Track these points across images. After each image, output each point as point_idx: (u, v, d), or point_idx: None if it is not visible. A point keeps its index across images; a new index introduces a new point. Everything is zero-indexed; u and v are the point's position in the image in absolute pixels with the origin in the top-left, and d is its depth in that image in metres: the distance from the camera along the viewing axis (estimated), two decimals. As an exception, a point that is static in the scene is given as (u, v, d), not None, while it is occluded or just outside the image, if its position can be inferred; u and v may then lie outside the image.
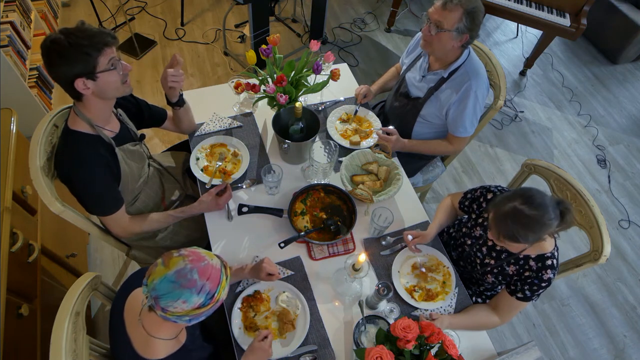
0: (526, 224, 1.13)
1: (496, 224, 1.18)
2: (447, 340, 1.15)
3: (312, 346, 1.31)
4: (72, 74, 1.18)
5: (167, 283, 0.87)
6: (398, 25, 3.76)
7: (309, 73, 1.67)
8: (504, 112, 3.26)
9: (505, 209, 1.15)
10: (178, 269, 0.88)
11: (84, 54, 1.17)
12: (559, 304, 2.38)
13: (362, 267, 1.33)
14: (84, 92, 1.23)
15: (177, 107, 1.61)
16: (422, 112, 1.83)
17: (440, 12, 1.55)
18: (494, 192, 1.43)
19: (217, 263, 0.95)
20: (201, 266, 0.90)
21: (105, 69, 1.22)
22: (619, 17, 3.45)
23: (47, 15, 3.11)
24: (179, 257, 0.90)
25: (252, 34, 2.84)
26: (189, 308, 0.89)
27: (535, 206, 1.13)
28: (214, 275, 0.91)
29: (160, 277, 0.88)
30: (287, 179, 1.66)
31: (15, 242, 1.45)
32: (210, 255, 0.95)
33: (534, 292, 1.31)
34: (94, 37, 1.18)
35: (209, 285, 0.90)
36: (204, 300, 0.90)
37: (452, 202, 1.61)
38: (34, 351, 1.47)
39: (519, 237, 1.15)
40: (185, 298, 0.88)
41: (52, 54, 1.16)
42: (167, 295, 0.87)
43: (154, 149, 2.71)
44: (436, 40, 1.60)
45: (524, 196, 1.15)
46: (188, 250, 0.93)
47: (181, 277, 0.88)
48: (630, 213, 2.79)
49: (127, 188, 1.48)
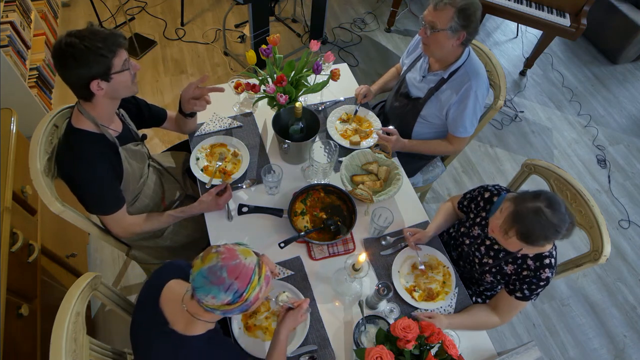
0: (546, 227, 1.13)
1: (513, 219, 1.17)
2: (447, 340, 1.15)
3: (312, 346, 1.31)
4: (88, 76, 1.20)
5: (200, 277, 0.92)
6: (398, 25, 3.77)
7: (309, 73, 1.67)
8: (504, 112, 3.26)
9: (529, 207, 1.14)
10: (210, 265, 0.92)
11: (101, 56, 1.18)
12: (559, 304, 2.38)
13: (362, 267, 1.33)
14: (98, 93, 1.25)
15: (188, 117, 1.65)
16: (422, 112, 1.83)
17: (433, 13, 1.56)
18: (492, 191, 1.43)
19: (252, 262, 0.95)
20: (231, 265, 0.92)
21: (120, 69, 1.24)
22: (619, 17, 3.45)
23: (47, 15, 3.11)
24: (215, 254, 0.94)
25: (252, 34, 2.84)
26: (219, 303, 0.92)
27: (558, 214, 1.13)
28: (244, 275, 0.93)
29: (197, 270, 0.93)
30: (287, 179, 1.66)
31: (15, 242, 1.45)
32: (245, 254, 0.96)
33: (533, 291, 1.31)
34: (107, 40, 1.19)
35: (237, 285, 0.92)
36: (232, 298, 0.92)
37: (453, 204, 1.62)
38: (34, 351, 1.47)
39: (532, 237, 1.15)
40: (214, 294, 0.91)
41: (68, 58, 1.16)
42: (200, 289, 0.91)
43: (154, 149, 2.71)
44: (433, 41, 1.61)
45: (551, 200, 1.14)
46: (225, 248, 0.96)
47: (211, 274, 0.91)
48: (630, 213, 2.79)
49: (128, 188, 1.48)
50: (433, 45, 1.63)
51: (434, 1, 1.56)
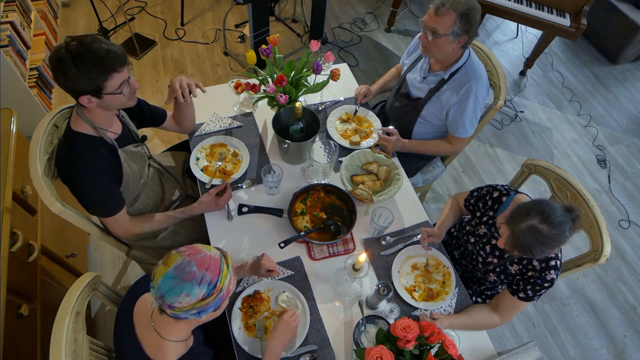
0: (545, 242, 1.13)
1: (513, 240, 1.17)
2: (447, 340, 1.15)
3: (312, 346, 1.31)
4: (77, 91, 1.19)
5: (168, 280, 0.89)
6: (398, 25, 3.77)
7: (309, 73, 1.67)
8: (504, 112, 3.26)
9: (523, 227, 1.14)
10: (177, 264, 0.90)
11: (90, 78, 1.16)
12: (559, 304, 2.38)
13: (362, 267, 1.33)
14: (88, 106, 1.24)
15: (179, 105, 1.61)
16: (422, 112, 1.83)
17: (434, 19, 1.54)
18: (501, 190, 1.42)
19: (216, 254, 0.95)
20: (198, 258, 0.91)
21: (112, 92, 1.22)
22: (619, 17, 3.44)
23: (47, 15, 3.11)
24: (177, 254, 0.92)
25: (252, 34, 2.84)
26: (194, 300, 0.90)
27: (554, 225, 1.12)
28: (213, 265, 0.92)
29: (162, 275, 0.90)
30: (287, 179, 1.66)
31: (15, 242, 1.45)
32: (208, 248, 0.96)
33: (536, 292, 1.31)
34: (103, 62, 1.16)
35: (209, 276, 0.91)
36: (207, 291, 0.90)
37: (457, 201, 1.61)
38: (34, 351, 1.47)
39: (535, 252, 1.15)
40: (188, 291, 0.89)
41: (58, 73, 1.15)
42: (171, 292, 0.88)
43: (154, 149, 2.70)
44: (434, 46, 1.61)
45: (543, 214, 1.13)
46: (186, 247, 0.95)
47: (180, 272, 0.89)
48: (630, 213, 2.79)
49: (128, 189, 1.48)
50: (434, 49, 1.63)
51: (435, 5, 1.53)
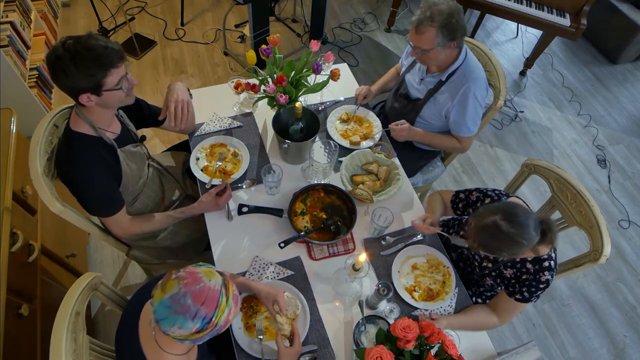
0: (501, 240, 1.13)
1: (474, 233, 1.18)
2: (447, 340, 1.15)
3: (312, 346, 1.31)
4: (77, 89, 1.19)
5: (163, 308, 0.85)
6: (398, 25, 3.77)
7: (309, 73, 1.67)
8: (504, 112, 3.26)
9: (485, 221, 1.15)
10: (172, 293, 0.86)
11: (90, 75, 1.16)
12: (559, 304, 2.38)
13: (362, 267, 1.33)
14: (88, 104, 1.24)
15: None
16: (421, 113, 1.83)
17: (416, 37, 1.57)
18: (492, 196, 1.41)
19: (217, 284, 0.89)
20: (195, 290, 0.86)
21: (111, 88, 1.22)
22: (619, 17, 3.44)
23: (47, 15, 3.11)
24: (175, 280, 0.87)
25: (252, 34, 2.84)
26: (187, 333, 0.86)
27: (514, 224, 1.11)
28: (210, 299, 0.87)
29: (159, 300, 0.86)
30: (287, 179, 1.66)
31: (15, 242, 1.45)
32: (209, 275, 0.90)
33: (533, 293, 1.31)
34: (101, 58, 1.16)
35: (204, 310, 0.86)
36: (201, 326, 0.86)
37: (443, 198, 1.59)
38: (34, 351, 1.47)
39: (492, 250, 1.16)
40: (180, 324, 0.85)
41: (57, 71, 1.15)
42: (164, 320, 0.85)
43: (154, 149, 2.70)
44: (426, 59, 1.65)
45: (507, 212, 1.13)
46: (186, 272, 0.89)
47: (175, 303, 0.85)
48: (630, 213, 2.79)
49: (128, 189, 1.48)
50: (428, 61, 1.67)
51: (414, 23, 1.54)
